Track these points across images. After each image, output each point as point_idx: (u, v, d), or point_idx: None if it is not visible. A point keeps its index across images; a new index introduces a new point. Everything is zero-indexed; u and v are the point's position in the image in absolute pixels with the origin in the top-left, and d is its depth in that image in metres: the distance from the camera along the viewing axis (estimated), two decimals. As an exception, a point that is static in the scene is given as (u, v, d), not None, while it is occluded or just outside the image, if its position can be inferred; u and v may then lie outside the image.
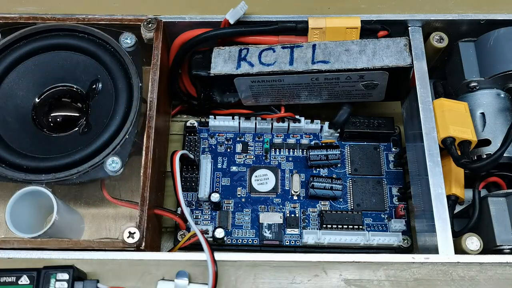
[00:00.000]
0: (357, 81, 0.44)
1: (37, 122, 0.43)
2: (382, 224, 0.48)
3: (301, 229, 0.47)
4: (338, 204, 0.49)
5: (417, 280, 0.37)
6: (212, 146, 0.51)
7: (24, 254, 0.37)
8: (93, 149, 0.40)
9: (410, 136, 0.47)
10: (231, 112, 0.50)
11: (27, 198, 0.39)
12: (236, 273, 0.37)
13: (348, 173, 0.50)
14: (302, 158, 0.51)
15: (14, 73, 0.44)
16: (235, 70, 0.44)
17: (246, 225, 0.48)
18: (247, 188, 0.49)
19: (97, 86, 0.44)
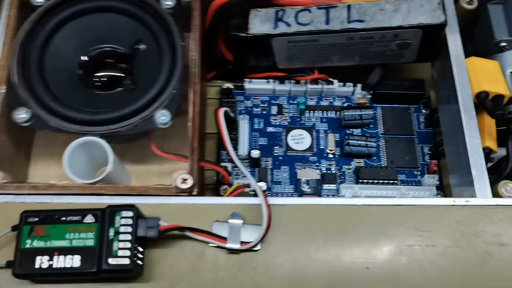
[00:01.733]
0: (391, 40, 0.46)
1: (84, 81, 0.45)
2: (415, 180, 0.50)
3: (338, 184, 0.49)
4: (372, 161, 0.51)
5: (459, 222, 0.38)
6: (248, 108, 0.53)
7: (83, 199, 0.39)
8: (142, 103, 0.42)
9: (442, 96, 0.49)
10: (266, 75, 0.52)
11: (81, 149, 0.41)
12: (285, 215, 0.39)
13: (380, 133, 0.52)
14: (335, 119, 0.53)
15: (61, 34, 0.45)
16: (272, 30, 0.46)
17: (285, 181, 0.50)
18: (283, 147, 0.51)
19: (140, 46, 0.46)
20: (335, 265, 0.37)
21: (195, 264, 0.37)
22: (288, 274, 0.37)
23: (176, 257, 0.37)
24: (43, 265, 0.35)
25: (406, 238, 0.38)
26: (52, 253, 0.35)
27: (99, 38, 0.46)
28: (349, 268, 0.37)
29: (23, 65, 0.42)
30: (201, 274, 0.37)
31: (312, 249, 0.38)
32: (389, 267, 0.37)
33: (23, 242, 0.36)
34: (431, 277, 0.37)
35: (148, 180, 0.48)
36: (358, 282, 0.37)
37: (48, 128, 0.41)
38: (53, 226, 0.36)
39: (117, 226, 0.36)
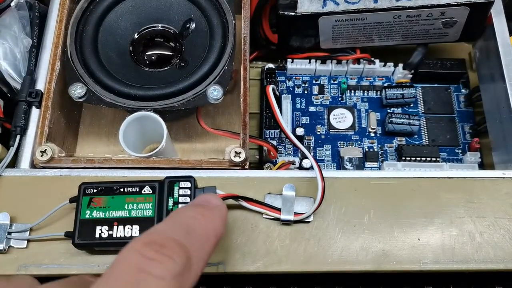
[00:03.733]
0: (437, 18, 0.47)
1: (135, 59, 0.46)
2: (456, 158, 0.51)
3: (380, 162, 0.50)
4: (414, 140, 0.51)
5: (508, 194, 0.39)
6: (290, 88, 0.54)
7: (138, 173, 0.40)
8: (195, 79, 0.43)
9: (485, 75, 0.49)
10: (308, 55, 0.53)
11: (134, 124, 0.42)
12: (337, 188, 0.39)
13: (421, 112, 0.53)
14: (376, 98, 0.53)
15: (113, 13, 0.46)
16: (321, 9, 0.47)
17: (328, 159, 0.50)
18: (326, 125, 0.52)
19: (190, 26, 0.47)
20: (386, 237, 0.38)
21: (249, 235, 0.38)
22: (340, 245, 0.38)
23: (230, 228, 0.38)
24: (103, 234, 0.36)
25: (456, 210, 0.39)
26: (112, 223, 0.36)
27: (152, 17, 0.47)
28: (400, 239, 0.38)
29: (79, 42, 0.44)
30: (255, 245, 0.38)
31: (364, 221, 0.39)
32: (440, 237, 0.38)
33: (83, 213, 0.37)
34: (481, 248, 0.38)
35: (192, 157, 0.48)
36: (409, 253, 0.37)
37: (102, 103, 0.42)
38: (111, 197, 0.37)
39: (176, 196, 0.37)
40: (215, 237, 0.29)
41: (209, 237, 0.28)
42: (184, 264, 0.25)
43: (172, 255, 0.25)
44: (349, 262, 0.37)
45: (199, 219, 0.29)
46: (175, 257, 0.25)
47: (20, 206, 0.39)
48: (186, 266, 0.25)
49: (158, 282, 0.24)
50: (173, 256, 0.25)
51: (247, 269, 0.37)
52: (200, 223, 0.29)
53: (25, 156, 0.42)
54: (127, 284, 0.23)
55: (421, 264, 0.37)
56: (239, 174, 0.40)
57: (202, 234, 0.28)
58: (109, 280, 0.24)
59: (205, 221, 0.29)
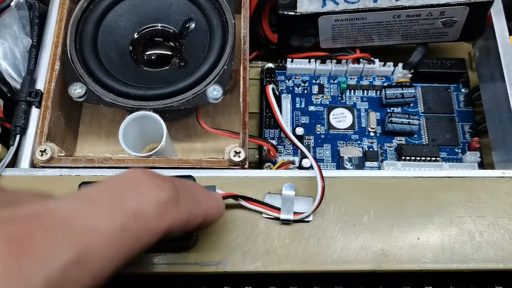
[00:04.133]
0: (437, 18, 0.47)
1: (135, 59, 0.46)
2: (456, 158, 0.51)
3: (380, 162, 0.50)
4: (413, 139, 0.51)
5: (508, 193, 0.39)
6: (290, 88, 0.54)
7: (139, 172, 0.40)
8: (195, 79, 0.43)
9: (485, 74, 0.49)
10: (308, 55, 0.53)
11: (134, 123, 0.42)
12: (337, 187, 0.39)
13: (421, 111, 0.53)
14: (376, 98, 0.53)
15: (113, 13, 0.46)
16: (320, 8, 0.47)
17: (327, 159, 0.50)
18: (325, 125, 0.52)
19: (190, 25, 0.47)
20: (386, 236, 0.38)
21: (249, 234, 0.38)
22: (339, 245, 0.38)
23: (230, 228, 0.38)
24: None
25: (456, 209, 0.39)
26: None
27: (151, 17, 0.47)
28: (400, 239, 0.38)
29: (79, 42, 0.44)
30: (254, 244, 0.38)
31: (363, 220, 0.39)
32: (439, 237, 0.38)
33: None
34: (481, 247, 0.38)
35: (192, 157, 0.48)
36: (409, 252, 0.37)
37: (102, 103, 0.42)
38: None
39: (175, 195, 0.36)
40: (204, 212, 0.30)
41: (200, 208, 0.30)
42: (171, 198, 0.26)
43: (162, 185, 0.26)
44: (348, 262, 0.37)
45: (200, 191, 0.31)
46: (165, 187, 0.26)
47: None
48: (173, 201, 0.27)
49: (141, 199, 0.25)
50: (163, 186, 0.26)
51: (246, 268, 0.37)
52: (199, 193, 0.31)
53: (25, 155, 0.42)
54: (113, 193, 0.25)
55: (421, 264, 0.37)
56: (239, 173, 0.40)
57: (196, 200, 0.30)
58: (99, 186, 0.26)
59: (204, 196, 0.31)
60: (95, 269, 0.22)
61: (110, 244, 0.23)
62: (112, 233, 0.23)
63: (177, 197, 0.27)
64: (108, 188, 0.25)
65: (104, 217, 0.23)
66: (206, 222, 0.31)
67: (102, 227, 0.23)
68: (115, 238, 0.23)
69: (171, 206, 0.26)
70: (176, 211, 0.27)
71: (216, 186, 0.37)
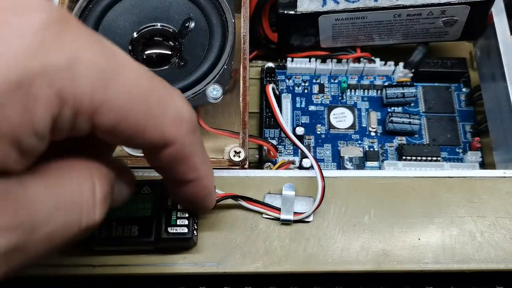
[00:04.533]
0: (438, 17, 0.46)
1: (134, 58, 0.46)
2: (457, 158, 0.50)
3: (380, 162, 0.50)
4: (414, 139, 0.51)
5: (509, 193, 0.39)
6: (290, 88, 0.54)
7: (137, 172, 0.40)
8: (195, 78, 0.43)
9: (486, 73, 0.49)
10: (308, 54, 0.53)
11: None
12: (337, 187, 0.39)
13: (422, 111, 0.52)
14: (376, 98, 0.53)
15: (112, 12, 0.46)
16: (321, 8, 0.46)
17: (328, 158, 0.50)
18: (326, 125, 0.52)
19: (189, 25, 0.46)
20: (387, 236, 0.38)
21: (249, 235, 0.38)
22: (340, 245, 0.38)
23: (230, 228, 0.38)
24: (102, 234, 0.36)
25: (457, 209, 0.39)
26: (110, 223, 0.36)
27: (151, 16, 0.46)
28: (401, 239, 0.38)
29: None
30: (254, 244, 0.38)
31: (364, 221, 0.38)
32: (440, 237, 0.38)
33: (82, 212, 0.36)
34: (482, 247, 0.37)
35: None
36: (409, 252, 0.37)
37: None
38: (110, 196, 0.37)
39: (175, 196, 0.36)
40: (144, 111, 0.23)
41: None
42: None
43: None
44: (349, 262, 0.37)
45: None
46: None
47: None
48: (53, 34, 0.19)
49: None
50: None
51: (246, 269, 0.37)
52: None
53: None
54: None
55: (422, 264, 0.37)
56: (239, 173, 0.40)
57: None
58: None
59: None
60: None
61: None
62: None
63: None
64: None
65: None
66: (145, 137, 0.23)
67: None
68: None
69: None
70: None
71: (215, 186, 0.37)
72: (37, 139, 0.20)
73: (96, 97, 0.21)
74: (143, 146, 0.25)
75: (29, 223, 0.20)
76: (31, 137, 0.19)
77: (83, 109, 0.20)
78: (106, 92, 0.21)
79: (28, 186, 0.21)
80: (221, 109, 0.50)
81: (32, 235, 0.20)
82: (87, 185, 0.24)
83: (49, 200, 0.21)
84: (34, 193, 0.21)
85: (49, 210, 0.21)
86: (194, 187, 0.29)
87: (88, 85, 0.20)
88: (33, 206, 0.20)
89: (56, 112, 0.20)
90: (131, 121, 0.22)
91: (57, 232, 0.22)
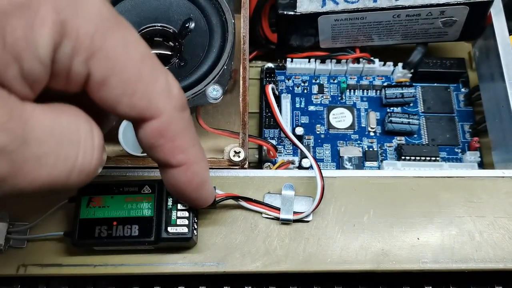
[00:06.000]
0: (437, 17, 0.46)
1: (134, 59, 0.46)
2: (456, 158, 0.51)
3: (379, 162, 0.50)
4: (413, 139, 0.51)
5: (508, 193, 0.39)
6: (289, 88, 0.54)
7: (137, 172, 0.40)
8: (195, 79, 0.43)
9: (485, 74, 0.49)
10: (308, 55, 0.53)
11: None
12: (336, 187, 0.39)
13: (421, 111, 0.53)
14: (376, 98, 0.53)
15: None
16: (320, 8, 0.47)
17: (327, 158, 0.50)
18: (325, 125, 0.52)
19: (189, 25, 0.46)
20: (386, 236, 0.38)
21: (248, 234, 0.38)
22: (339, 245, 0.38)
23: (229, 228, 0.38)
24: (102, 234, 0.36)
25: (455, 209, 0.39)
26: (111, 223, 0.36)
27: (151, 17, 0.46)
28: (400, 239, 0.38)
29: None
30: (254, 244, 0.38)
31: (363, 220, 0.39)
32: (439, 237, 0.38)
33: (82, 212, 0.36)
34: (481, 247, 0.38)
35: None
36: (408, 252, 0.37)
37: (102, 103, 0.42)
38: (111, 196, 0.37)
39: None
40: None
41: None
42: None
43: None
44: (348, 262, 0.37)
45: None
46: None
47: (19, 206, 0.38)
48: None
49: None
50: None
51: (246, 268, 0.37)
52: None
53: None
54: None
55: (421, 264, 0.37)
56: (238, 173, 0.40)
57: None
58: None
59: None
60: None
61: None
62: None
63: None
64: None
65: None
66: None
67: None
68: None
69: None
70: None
71: (216, 186, 0.37)
72: (39, 64, 0.21)
73: (96, 40, 0.22)
74: (130, 114, 0.25)
75: (19, 134, 0.21)
76: (32, 59, 0.20)
77: (82, 48, 0.22)
78: (105, 40, 0.22)
79: (26, 106, 0.21)
80: (221, 109, 0.50)
81: (21, 149, 0.21)
82: (85, 126, 0.24)
83: (45, 125, 0.22)
84: (31, 113, 0.22)
85: (43, 132, 0.22)
86: (184, 174, 0.29)
87: (90, 26, 0.21)
88: (27, 121, 0.21)
89: (57, 40, 0.21)
90: (123, 77, 0.23)
91: (50, 159, 0.22)
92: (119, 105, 0.24)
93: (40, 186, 0.23)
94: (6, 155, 0.20)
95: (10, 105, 0.21)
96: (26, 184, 0.22)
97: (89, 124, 0.25)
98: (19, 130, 0.21)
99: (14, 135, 0.21)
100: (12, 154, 0.21)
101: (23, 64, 0.20)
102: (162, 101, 0.25)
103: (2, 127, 0.20)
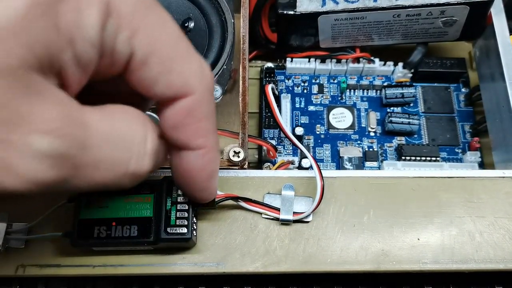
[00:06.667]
0: (437, 17, 0.46)
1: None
2: (456, 158, 0.50)
3: (380, 162, 0.50)
4: (413, 139, 0.51)
5: (508, 193, 0.39)
6: (289, 88, 0.54)
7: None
8: (194, 79, 0.43)
9: (485, 74, 0.49)
10: (308, 54, 0.53)
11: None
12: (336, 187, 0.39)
13: (421, 111, 0.53)
14: (376, 98, 0.53)
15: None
16: (320, 8, 0.46)
17: (327, 159, 0.50)
18: (325, 125, 0.52)
19: (189, 25, 0.46)
20: (386, 236, 0.38)
21: (248, 235, 0.38)
22: (339, 245, 0.38)
23: (229, 228, 0.38)
24: (101, 234, 0.36)
25: (456, 210, 0.39)
26: (110, 223, 0.36)
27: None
28: (400, 239, 0.38)
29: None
30: (254, 245, 0.38)
31: (363, 221, 0.38)
32: (439, 237, 0.38)
33: (82, 213, 0.36)
34: (481, 248, 0.37)
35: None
36: (409, 252, 0.37)
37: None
38: (110, 197, 0.37)
39: (174, 196, 0.36)
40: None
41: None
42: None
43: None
44: (348, 262, 0.37)
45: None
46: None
47: (18, 206, 0.38)
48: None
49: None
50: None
51: (246, 269, 0.37)
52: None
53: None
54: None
55: (421, 264, 0.37)
56: (238, 173, 0.40)
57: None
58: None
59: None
60: None
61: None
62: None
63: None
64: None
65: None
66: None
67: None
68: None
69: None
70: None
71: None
72: (90, 45, 0.21)
73: (136, 18, 0.23)
74: (166, 93, 0.25)
75: (81, 140, 0.22)
76: (84, 41, 0.21)
77: (125, 26, 0.22)
78: (145, 18, 0.23)
79: (85, 111, 0.22)
80: (220, 109, 0.50)
81: (81, 154, 0.22)
82: (140, 130, 0.25)
83: (103, 130, 0.23)
84: (90, 117, 0.22)
85: (101, 138, 0.23)
86: (202, 158, 0.29)
87: (130, 4, 0.22)
88: (87, 127, 0.22)
89: (104, 19, 0.21)
90: (162, 54, 0.24)
91: (106, 164, 0.23)
92: (156, 85, 0.25)
93: (94, 187, 0.24)
94: (68, 159, 0.21)
95: (73, 110, 0.21)
96: (83, 185, 0.23)
97: (144, 128, 0.25)
98: (81, 136, 0.22)
99: (76, 141, 0.21)
100: (73, 159, 0.21)
101: (76, 47, 0.21)
102: (196, 80, 0.26)
103: (64, 132, 0.21)
